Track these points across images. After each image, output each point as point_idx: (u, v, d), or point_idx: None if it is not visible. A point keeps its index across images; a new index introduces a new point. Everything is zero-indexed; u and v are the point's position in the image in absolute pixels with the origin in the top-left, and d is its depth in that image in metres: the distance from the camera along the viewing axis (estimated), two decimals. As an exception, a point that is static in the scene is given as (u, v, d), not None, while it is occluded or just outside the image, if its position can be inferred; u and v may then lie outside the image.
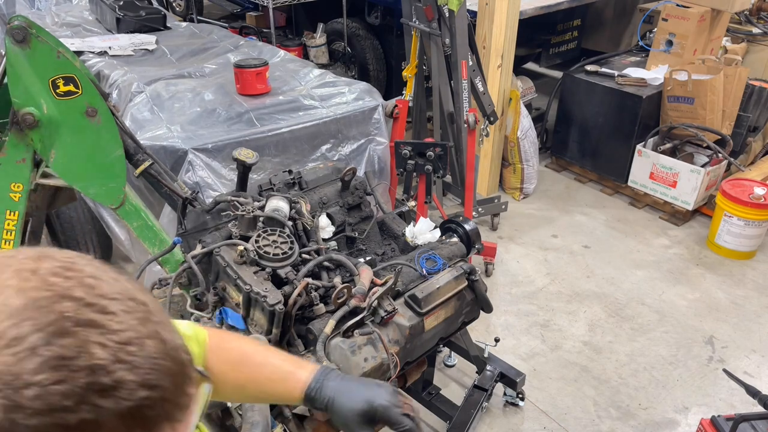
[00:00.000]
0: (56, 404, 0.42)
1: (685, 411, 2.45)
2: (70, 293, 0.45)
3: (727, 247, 3.37)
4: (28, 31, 1.65)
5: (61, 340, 0.43)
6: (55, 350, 0.42)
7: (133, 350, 0.46)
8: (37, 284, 0.45)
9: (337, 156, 2.76)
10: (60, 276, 0.46)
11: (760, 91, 3.73)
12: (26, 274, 0.46)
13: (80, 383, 0.43)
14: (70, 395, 0.42)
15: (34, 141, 1.77)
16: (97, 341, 0.44)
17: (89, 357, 0.43)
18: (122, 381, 0.44)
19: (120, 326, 0.46)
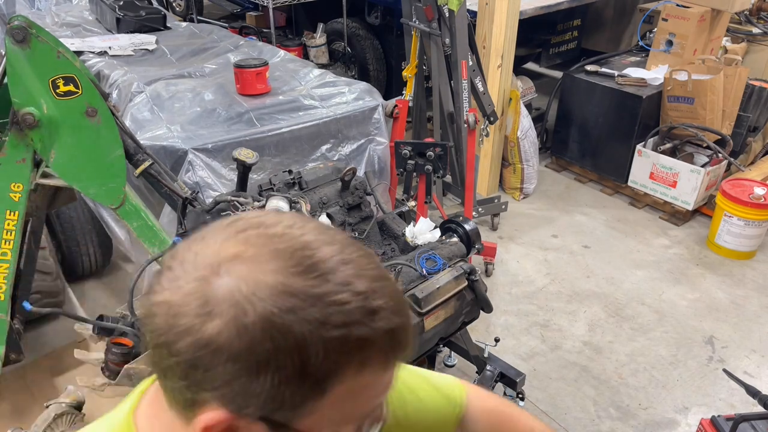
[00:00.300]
0: (346, 320, 0.51)
1: (685, 411, 2.45)
2: (335, 241, 0.56)
3: (727, 247, 3.37)
4: (28, 31, 1.65)
5: (344, 267, 0.53)
6: (340, 277, 0.53)
7: (384, 285, 0.55)
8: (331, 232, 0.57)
9: (337, 156, 2.76)
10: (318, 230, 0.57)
11: (760, 91, 3.73)
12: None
13: (356, 305, 0.52)
14: (353, 313, 0.52)
15: (34, 141, 1.77)
16: (361, 273, 0.54)
17: (359, 284, 0.53)
18: (382, 307, 0.54)
19: (371, 268, 0.56)
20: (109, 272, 3.09)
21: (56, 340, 2.61)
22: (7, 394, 2.32)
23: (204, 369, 0.52)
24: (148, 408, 0.67)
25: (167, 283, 0.55)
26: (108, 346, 1.90)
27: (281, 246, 0.54)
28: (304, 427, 0.55)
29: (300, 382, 0.52)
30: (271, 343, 0.50)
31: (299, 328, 0.50)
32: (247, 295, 0.51)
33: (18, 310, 2.08)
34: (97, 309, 2.64)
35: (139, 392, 0.70)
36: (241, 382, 0.51)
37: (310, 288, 0.52)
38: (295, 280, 0.52)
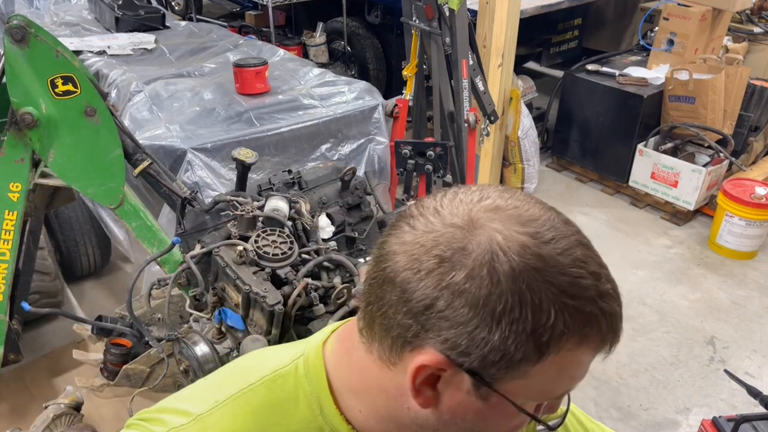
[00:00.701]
0: (580, 294, 0.54)
1: (686, 412, 2.44)
2: (569, 222, 0.60)
3: (728, 247, 3.37)
4: (27, 31, 1.65)
5: (577, 248, 0.56)
6: (576, 255, 0.56)
7: (608, 273, 0.58)
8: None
9: (337, 156, 2.75)
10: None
11: (762, 91, 3.72)
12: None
13: (590, 282, 0.55)
14: (588, 288, 0.55)
15: (33, 141, 1.76)
16: (592, 257, 0.57)
17: (592, 266, 0.56)
18: (609, 291, 0.56)
19: (597, 255, 0.59)
20: (108, 272, 3.08)
21: (55, 341, 2.60)
22: (6, 394, 2.31)
23: (440, 310, 0.54)
24: (338, 345, 0.69)
25: (416, 226, 0.57)
26: (107, 347, 1.89)
27: (525, 214, 0.57)
28: (504, 391, 0.56)
29: (527, 340, 0.53)
30: (515, 295, 0.52)
31: (541, 288, 0.53)
32: (503, 248, 0.54)
33: (17, 310, 2.07)
34: (95, 309, 2.63)
35: (330, 330, 0.72)
36: (473, 329, 0.53)
37: (554, 255, 0.54)
38: (542, 245, 0.54)
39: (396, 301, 0.56)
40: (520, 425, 0.62)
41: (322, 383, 0.67)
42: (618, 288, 0.59)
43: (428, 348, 0.55)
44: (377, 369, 0.61)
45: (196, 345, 1.47)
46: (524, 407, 0.59)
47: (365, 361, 0.62)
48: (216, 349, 1.48)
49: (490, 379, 0.56)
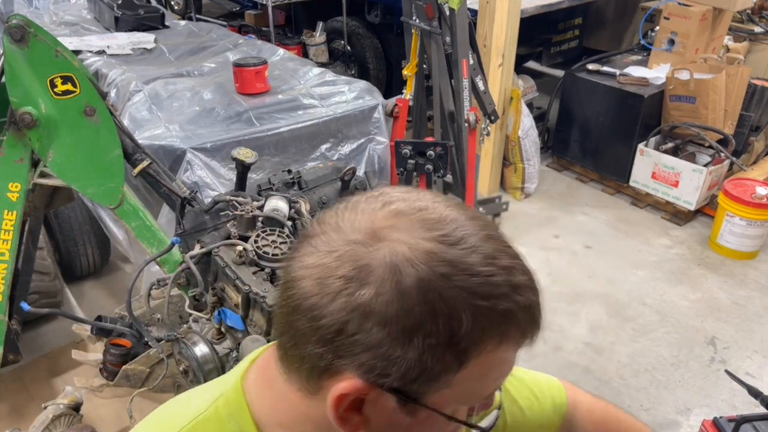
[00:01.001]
0: (493, 292, 0.52)
1: (686, 412, 2.44)
2: (476, 217, 0.58)
3: (729, 247, 3.36)
4: (27, 30, 1.64)
5: (487, 242, 0.55)
6: (485, 250, 0.53)
7: (521, 263, 0.56)
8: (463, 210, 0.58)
9: (337, 155, 2.75)
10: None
11: (762, 91, 3.71)
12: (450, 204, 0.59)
13: (503, 279, 0.53)
14: (500, 285, 0.53)
15: (32, 140, 1.76)
16: (503, 249, 0.55)
17: (503, 260, 0.54)
18: (523, 283, 0.55)
19: (508, 246, 0.57)
20: (108, 272, 3.08)
21: (54, 341, 2.60)
22: (6, 394, 2.31)
23: (350, 334, 0.51)
24: (259, 376, 0.66)
25: (318, 246, 0.55)
26: (106, 347, 1.89)
27: (430, 217, 0.55)
28: (432, 404, 0.55)
29: (444, 351, 0.52)
30: (425, 307, 0.50)
31: (452, 294, 0.51)
32: (408, 259, 0.51)
33: (16, 310, 2.07)
34: (95, 309, 2.63)
35: (249, 360, 0.69)
36: (387, 349, 0.51)
37: (462, 257, 0.52)
38: (448, 249, 0.52)
39: (306, 330, 0.53)
40: (455, 430, 0.61)
41: (246, 421, 0.64)
42: (535, 276, 0.57)
43: (346, 374, 0.53)
44: (300, 399, 0.59)
45: (195, 345, 1.47)
46: (456, 414, 0.57)
47: (287, 392, 0.60)
48: (215, 350, 1.47)
49: (415, 395, 0.54)
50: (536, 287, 0.57)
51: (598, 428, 0.95)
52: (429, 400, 0.55)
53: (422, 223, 0.54)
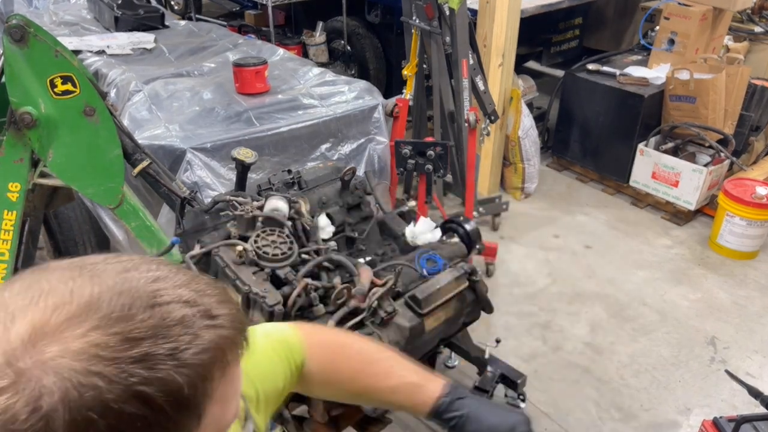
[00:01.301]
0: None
1: (686, 412, 2.43)
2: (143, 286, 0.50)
3: (729, 247, 3.36)
4: (26, 30, 1.64)
5: (156, 284, 0.50)
6: (166, 297, 0.50)
7: (202, 283, 0.53)
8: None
9: (337, 155, 2.75)
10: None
11: (762, 90, 3.71)
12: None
13: (196, 313, 0.50)
14: (196, 322, 0.49)
15: (32, 140, 1.76)
16: (177, 285, 0.51)
17: (184, 294, 0.51)
18: (214, 305, 0.52)
19: (178, 274, 0.53)
20: (108, 272, 3.07)
21: (54, 341, 2.59)
22: (5, 394, 2.30)
23: None
24: None
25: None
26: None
27: (72, 308, 0.46)
28: None
29: (180, 415, 0.47)
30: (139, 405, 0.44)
31: (159, 368, 0.45)
32: (59, 392, 0.42)
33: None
34: (95, 309, 2.62)
35: None
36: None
37: (146, 322, 0.46)
38: (109, 333, 0.45)
39: None
40: None
41: None
42: (217, 285, 0.54)
43: None
44: None
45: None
46: None
47: None
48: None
49: None
50: (227, 297, 0.54)
51: (330, 359, 0.97)
52: None
53: (68, 320, 0.45)
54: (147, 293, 0.48)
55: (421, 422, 2.35)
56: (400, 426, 2.34)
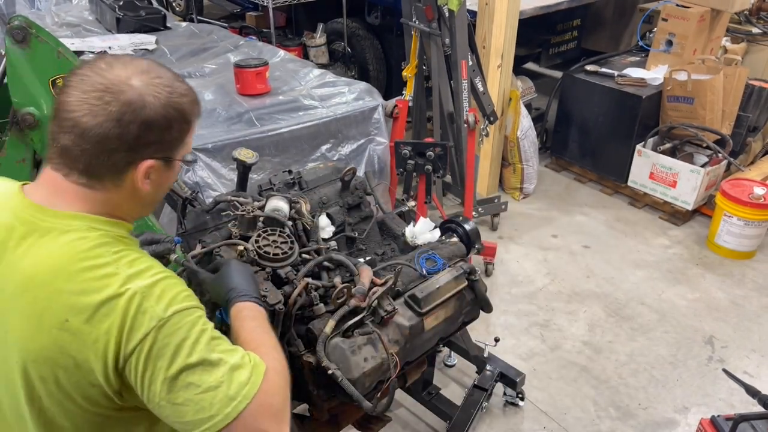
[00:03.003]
0: (193, 97, 1.04)
1: (684, 411, 2.45)
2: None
3: (726, 247, 3.38)
4: (28, 31, 1.66)
5: (179, 81, 1.03)
6: (179, 84, 1.03)
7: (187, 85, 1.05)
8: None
9: (337, 156, 2.76)
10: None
11: (760, 91, 3.73)
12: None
13: (192, 94, 1.04)
14: (191, 94, 1.03)
15: (34, 141, 1.77)
16: (181, 81, 1.04)
17: (185, 85, 1.04)
18: (196, 96, 1.05)
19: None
20: (109, 272, 3.08)
21: (56, 340, 2.60)
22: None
23: (144, 142, 0.95)
24: (47, 196, 0.97)
25: (99, 97, 0.93)
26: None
27: (151, 70, 0.99)
28: (178, 156, 1.03)
29: (183, 128, 1.01)
30: (173, 111, 0.97)
31: (179, 100, 0.99)
32: (152, 93, 0.95)
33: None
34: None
35: (14, 192, 1.00)
36: (160, 140, 0.97)
37: (174, 89, 0.99)
38: (173, 82, 1.00)
39: (116, 144, 0.92)
40: (180, 170, 1.07)
41: (117, 226, 1.02)
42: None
43: (143, 160, 0.96)
44: (112, 194, 0.98)
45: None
46: (184, 158, 1.05)
47: (97, 196, 0.97)
48: (217, 348, 1.48)
49: (172, 156, 1.01)
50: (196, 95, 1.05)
51: None
52: (178, 155, 1.02)
53: (158, 69, 0.99)
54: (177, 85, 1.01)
55: (421, 420, 2.37)
56: (400, 424, 2.36)
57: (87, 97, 0.91)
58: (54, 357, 0.89)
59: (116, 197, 0.98)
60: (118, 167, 0.94)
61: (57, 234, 0.93)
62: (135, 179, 0.96)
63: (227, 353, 0.92)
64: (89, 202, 0.96)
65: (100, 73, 0.93)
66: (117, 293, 0.89)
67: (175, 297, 0.93)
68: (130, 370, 0.89)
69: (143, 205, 1.04)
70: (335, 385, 1.38)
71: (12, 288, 0.92)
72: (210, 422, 0.88)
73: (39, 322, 0.89)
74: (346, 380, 1.37)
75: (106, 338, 0.88)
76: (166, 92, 0.95)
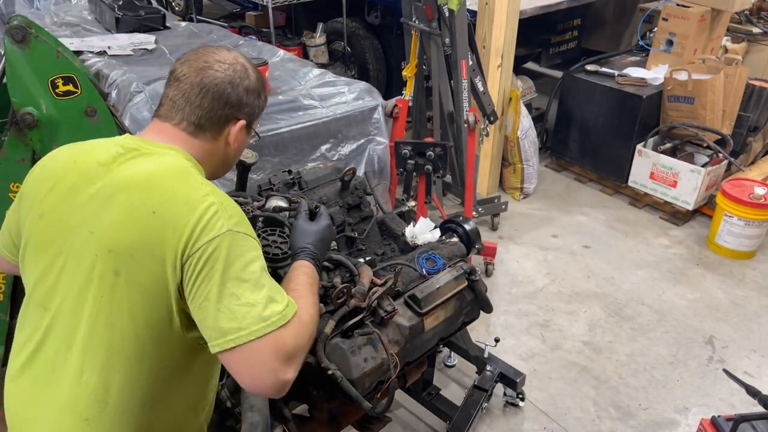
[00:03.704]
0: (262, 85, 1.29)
1: (685, 411, 2.45)
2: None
3: (727, 247, 3.37)
4: (28, 31, 1.65)
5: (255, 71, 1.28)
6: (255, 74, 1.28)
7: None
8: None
9: (337, 156, 2.76)
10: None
11: (761, 91, 3.72)
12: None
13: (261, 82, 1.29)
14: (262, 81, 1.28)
15: (34, 141, 1.77)
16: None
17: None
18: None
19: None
20: (109, 272, 3.08)
21: (56, 341, 2.60)
22: (7, 394, 2.31)
23: (243, 103, 1.20)
24: (152, 135, 1.18)
25: (213, 65, 1.18)
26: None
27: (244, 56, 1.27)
28: (253, 125, 1.28)
29: (264, 100, 1.28)
30: (262, 85, 1.26)
31: (262, 79, 1.27)
32: (247, 68, 1.23)
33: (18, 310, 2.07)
34: (96, 309, 2.63)
35: (122, 136, 1.21)
36: (254, 104, 1.23)
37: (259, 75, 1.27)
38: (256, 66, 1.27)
39: (219, 105, 1.17)
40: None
41: (198, 168, 1.19)
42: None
43: (237, 119, 1.21)
44: (211, 144, 1.20)
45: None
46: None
47: (203, 145, 1.19)
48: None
49: (251, 123, 1.25)
50: None
51: None
52: (254, 123, 1.27)
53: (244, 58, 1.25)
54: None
55: (421, 421, 2.37)
56: (400, 425, 2.35)
57: (203, 65, 1.16)
58: (135, 247, 1.03)
59: (210, 148, 1.19)
60: (221, 122, 1.17)
61: (157, 156, 1.12)
62: (230, 135, 1.20)
63: (272, 285, 1.07)
64: (188, 145, 1.16)
65: (210, 52, 1.20)
66: (201, 197, 1.06)
67: (243, 222, 1.09)
68: (191, 265, 1.01)
69: (223, 163, 1.25)
70: (335, 385, 1.38)
71: (110, 191, 1.07)
72: (239, 333, 0.99)
73: (129, 213, 1.04)
74: (346, 381, 1.36)
75: (182, 231, 1.02)
76: (257, 71, 1.24)
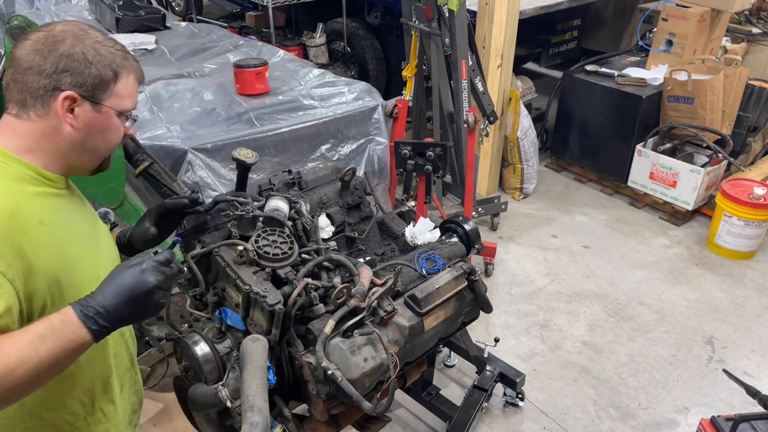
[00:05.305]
0: (124, 52, 1.14)
1: (684, 411, 2.45)
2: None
3: (727, 247, 3.37)
4: (28, 31, 1.65)
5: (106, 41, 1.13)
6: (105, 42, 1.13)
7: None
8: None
9: (337, 156, 2.76)
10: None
11: (760, 91, 3.73)
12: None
13: (120, 50, 1.14)
14: (122, 49, 1.15)
15: (34, 141, 1.77)
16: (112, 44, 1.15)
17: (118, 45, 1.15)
18: (129, 55, 1.16)
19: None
20: (109, 272, 3.08)
21: (56, 340, 2.60)
22: (7, 394, 2.31)
23: (64, 69, 1.04)
24: (4, 138, 1.07)
25: (26, 44, 1.06)
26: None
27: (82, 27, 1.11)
28: (107, 102, 1.10)
29: (106, 72, 1.09)
30: (93, 51, 1.07)
31: (102, 48, 1.09)
32: (76, 37, 1.07)
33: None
34: (96, 309, 2.63)
35: None
36: (79, 70, 1.06)
37: (111, 41, 1.13)
38: (105, 38, 1.12)
39: (39, 79, 1.04)
40: (121, 126, 1.14)
41: (7, 156, 1.06)
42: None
43: (65, 91, 1.04)
44: (36, 124, 1.06)
45: (196, 345, 1.47)
46: (120, 112, 1.12)
47: (29, 126, 1.06)
48: (216, 349, 1.48)
49: (99, 100, 1.08)
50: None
51: None
52: (107, 102, 1.09)
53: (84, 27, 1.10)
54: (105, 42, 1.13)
55: (421, 421, 2.37)
56: (400, 425, 2.36)
57: (27, 43, 1.07)
58: None
59: (39, 129, 1.06)
60: (39, 94, 1.05)
61: None
62: (57, 110, 1.05)
63: None
64: (13, 131, 1.07)
65: (43, 29, 1.09)
66: None
67: None
68: None
69: (73, 148, 1.09)
70: (335, 385, 1.38)
71: None
72: None
73: None
74: (346, 381, 1.36)
75: None
76: (91, 38, 1.08)
